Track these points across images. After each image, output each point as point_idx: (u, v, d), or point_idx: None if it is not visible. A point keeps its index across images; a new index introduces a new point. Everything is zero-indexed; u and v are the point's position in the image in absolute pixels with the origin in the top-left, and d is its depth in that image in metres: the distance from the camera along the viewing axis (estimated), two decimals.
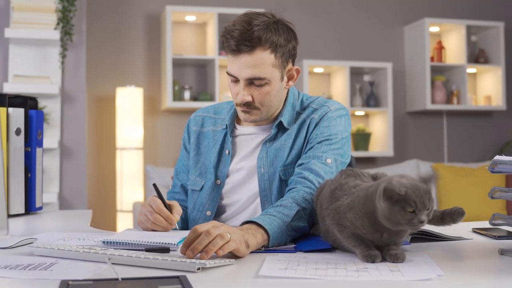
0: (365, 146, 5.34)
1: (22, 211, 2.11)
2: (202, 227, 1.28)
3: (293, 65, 1.84)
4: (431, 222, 1.48)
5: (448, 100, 5.53)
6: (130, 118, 4.68)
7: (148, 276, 1.10)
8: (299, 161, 1.77)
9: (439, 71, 5.60)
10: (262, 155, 1.84)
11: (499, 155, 1.35)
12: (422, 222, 1.21)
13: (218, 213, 1.89)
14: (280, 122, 1.84)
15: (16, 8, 3.97)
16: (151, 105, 5.04)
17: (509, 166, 1.33)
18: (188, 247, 1.25)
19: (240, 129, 1.92)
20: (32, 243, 1.48)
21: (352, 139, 5.33)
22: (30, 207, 2.15)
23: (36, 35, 3.98)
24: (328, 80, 5.52)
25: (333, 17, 5.48)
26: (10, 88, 3.85)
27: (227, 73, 1.78)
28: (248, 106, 1.78)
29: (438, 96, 5.42)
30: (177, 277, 1.08)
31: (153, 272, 1.15)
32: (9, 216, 2.07)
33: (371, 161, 5.52)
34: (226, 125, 1.91)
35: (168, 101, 4.77)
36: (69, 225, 2.03)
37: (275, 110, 1.86)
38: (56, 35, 3.98)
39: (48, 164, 4.14)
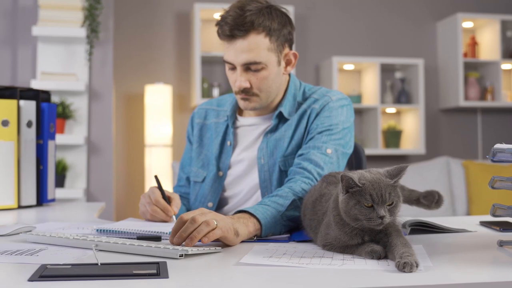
0: (396, 144, 5.26)
1: (34, 202, 2.13)
2: (188, 214, 1.26)
3: (290, 50, 1.82)
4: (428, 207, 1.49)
5: (482, 97, 5.40)
6: (159, 116, 4.71)
7: (128, 262, 1.09)
8: (299, 152, 1.74)
9: (473, 67, 5.47)
10: (262, 146, 1.82)
11: None
12: (382, 218, 1.13)
13: (221, 205, 1.88)
14: (280, 113, 1.82)
15: (43, 6, 4.05)
16: (180, 103, 5.06)
17: (508, 154, 1.29)
18: (175, 234, 1.24)
19: (242, 120, 1.90)
20: (30, 231, 1.49)
21: (383, 137, 5.26)
22: (42, 199, 2.17)
23: (63, 33, 4.05)
24: (358, 77, 5.45)
25: (364, 13, 5.42)
26: (38, 85, 3.92)
27: (224, 60, 1.78)
28: (247, 93, 1.77)
29: (472, 93, 5.30)
30: (157, 263, 1.07)
31: (138, 259, 1.14)
32: (20, 207, 2.09)
33: (402, 158, 5.43)
34: (227, 116, 1.90)
35: (197, 99, 4.78)
36: (77, 216, 2.04)
37: (275, 97, 1.83)
38: (82, 32, 4.03)
39: (75, 160, 4.19)
